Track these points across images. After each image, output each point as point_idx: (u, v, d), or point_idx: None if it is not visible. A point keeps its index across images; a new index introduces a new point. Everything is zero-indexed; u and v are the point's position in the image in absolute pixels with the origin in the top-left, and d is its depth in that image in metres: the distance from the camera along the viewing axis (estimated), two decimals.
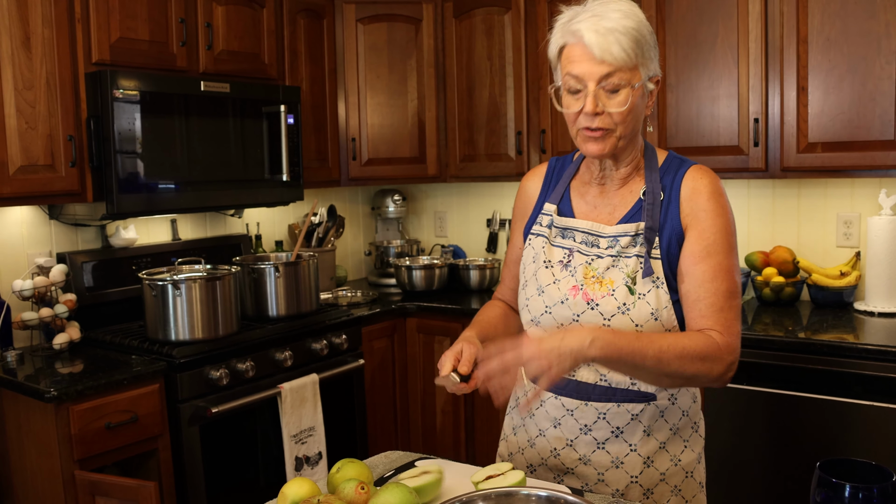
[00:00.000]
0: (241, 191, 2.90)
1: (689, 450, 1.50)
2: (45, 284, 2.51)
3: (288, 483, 1.26)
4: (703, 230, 1.40)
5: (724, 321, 1.37)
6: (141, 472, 2.41)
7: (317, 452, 2.73)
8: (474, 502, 1.20)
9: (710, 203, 1.41)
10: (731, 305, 1.38)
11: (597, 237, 1.47)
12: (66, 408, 2.15)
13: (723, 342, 1.35)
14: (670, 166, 1.47)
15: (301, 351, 2.76)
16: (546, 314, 1.48)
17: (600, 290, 1.42)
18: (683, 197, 1.43)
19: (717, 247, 1.39)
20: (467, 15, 3.39)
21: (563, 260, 1.49)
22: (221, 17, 2.86)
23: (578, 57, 1.37)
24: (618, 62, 1.35)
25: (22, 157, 2.33)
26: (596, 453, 1.46)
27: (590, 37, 1.34)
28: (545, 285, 1.49)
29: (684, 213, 1.42)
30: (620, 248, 1.43)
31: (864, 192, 2.88)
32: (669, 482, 1.47)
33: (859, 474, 1.05)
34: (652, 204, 1.43)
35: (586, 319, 1.43)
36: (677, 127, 2.89)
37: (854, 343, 2.34)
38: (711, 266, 1.38)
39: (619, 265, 1.43)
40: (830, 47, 2.58)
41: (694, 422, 1.52)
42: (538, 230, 1.56)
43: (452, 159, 3.50)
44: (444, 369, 1.37)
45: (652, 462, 1.46)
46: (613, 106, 1.37)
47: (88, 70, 2.48)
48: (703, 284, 1.38)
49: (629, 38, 1.35)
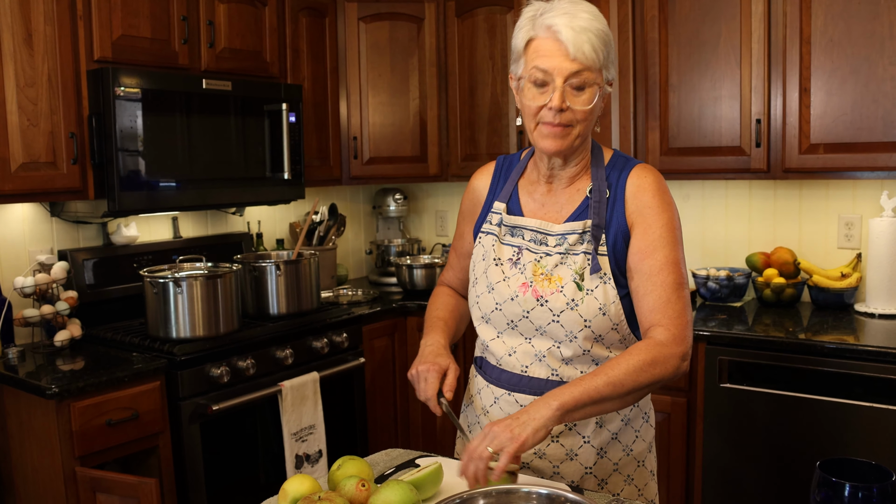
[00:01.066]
0: (242, 189, 2.90)
1: (641, 439, 1.55)
2: (46, 281, 2.51)
3: (289, 480, 1.26)
4: (648, 226, 1.43)
5: (672, 312, 1.40)
6: (142, 469, 2.41)
7: (317, 450, 2.73)
8: (475, 500, 1.20)
9: (654, 200, 1.44)
10: (679, 296, 1.41)
11: (545, 235, 1.50)
12: (68, 405, 2.15)
13: (668, 336, 1.38)
14: (616, 164, 1.51)
15: (302, 349, 2.77)
16: (496, 311, 1.51)
17: (549, 287, 1.45)
18: (629, 195, 1.46)
19: (662, 241, 1.42)
20: (469, 14, 3.39)
21: (512, 258, 1.52)
22: (223, 15, 2.87)
23: (549, 52, 1.38)
24: (588, 62, 1.37)
25: (24, 155, 2.33)
26: (550, 447, 1.49)
27: (566, 33, 1.36)
28: (495, 282, 1.51)
29: (629, 210, 1.45)
30: (568, 245, 1.46)
31: (865, 194, 2.88)
32: (622, 472, 1.52)
33: (859, 474, 1.05)
34: (598, 202, 1.47)
35: (536, 316, 1.46)
36: (679, 127, 2.89)
37: (854, 344, 2.34)
38: (658, 260, 1.42)
39: (567, 262, 1.46)
40: (833, 48, 2.58)
41: (644, 412, 1.56)
42: (488, 228, 1.58)
43: (454, 158, 3.50)
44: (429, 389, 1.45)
45: (605, 452, 1.50)
46: (579, 104, 1.40)
47: (90, 67, 2.49)
48: (651, 278, 1.41)
49: (600, 40, 1.38)
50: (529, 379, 1.49)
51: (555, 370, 1.47)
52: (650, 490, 1.57)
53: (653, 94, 2.93)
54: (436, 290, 1.77)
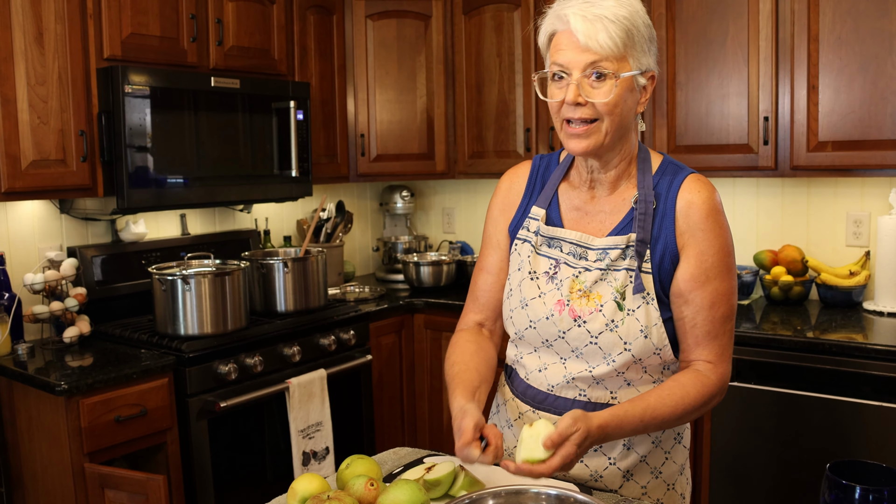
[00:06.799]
0: (250, 186, 2.90)
1: (671, 461, 1.46)
2: (55, 278, 2.52)
3: (297, 479, 1.26)
4: (701, 252, 1.34)
5: (719, 348, 1.36)
6: (149, 466, 2.43)
7: (324, 447, 2.74)
8: (484, 500, 1.21)
9: (708, 222, 1.34)
10: (726, 330, 1.37)
11: (585, 249, 1.40)
12: (77, 401, 2.16)
13: (715, 375, 1.35)
14: (665, 172, 1.40)
15: (309, 346, 2.77)
16: (530, 329, 1.43)
17: (587, 306, 1.36)
18: (679, 211, 1.35)
19: (715, 270, 1.34)
20: (477, 11, 3.39)
21: (548, 271, 1.42)
22: (232, 13, 2.87)
23: (565, 44, 1.31)
24: (604, 50, 1.28)
25: (34, 152, 2.34)
26: (576, 468, 1.42)
27: (575, 22, 1.28)
28: (529, 299, 1.42)
29: (680, 230, 1.35)
30: (610, 261, 1.37)
31: (874, 192, 2.87)
32: (651, 495, 1.44)
33: (869, 476, 1.05)
34: (644, 213, 1.36)
35: (572, 337, 1.38)
36: (687, 125, 2.89)
37: (863, 343, 2.34)
38: (710, 292, 1.34)
39: (608, 279, 1.36)
40: (842, 46, 2.57)
41: (678, 433, 1.48)
42: (524, 235, 1.48)
43: (461, 156, 3.50)
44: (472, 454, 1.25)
45: (632, 476, 1.42)
46: (597, 96, 1.30)
47: (100, 65, 2.49)
48: (701, 312, 1.34)
49: (618, 26, 1.28)
50: (556, 398, 1.42)
51: (582, 391, 1.41)
52: None
53: (660, 91, 2.92)
54: (454, 338, 1.56)
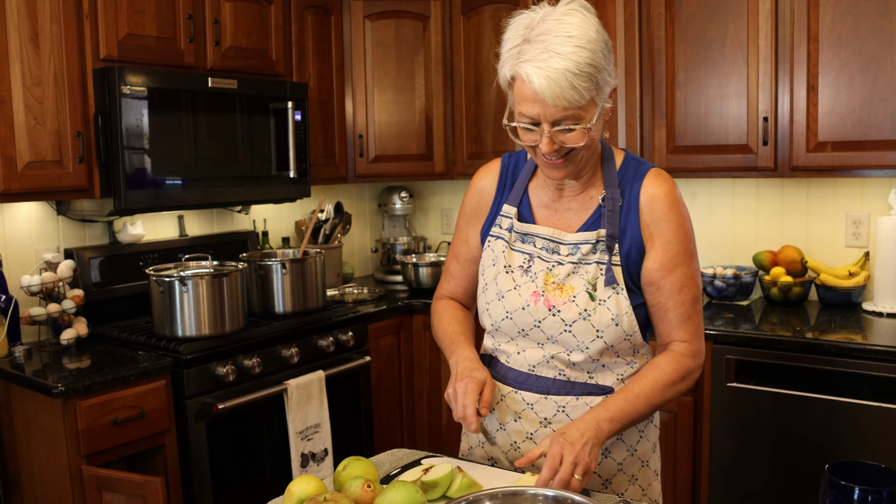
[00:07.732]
0: (248, 187, 2.90)
1: (645, 440, 1.55)
2: (52, 280, 2.51)
3: (294, 480, 1.26)
4: (667, 241, 1.44)
5: (692, 327, 1.47)
6: (147, 468, 2.42)
7: (322, 449, 2.73)
8: (481, 501, 1.20)
9: (670, 213, 1.44)
10: (696, 310, 1.48)
11: (557, 244, 1.49)
12: (74, 403, 2.16)
13: (689, 351, 1.46)
14: (628, 168, 1.49)
15: (307, 348, 2.77)
16: (507, 319, 1.50)
17: (561, 297, 1.45)
18: (643, 205, 1.45)
19: (681, 257, 1.44)
20: (475, 12, 3.38)
21: (523, 265, 1.51)
22: (229, 13, 2.86)
23: (531, 98, 1.32)
24: (572, 105, 1.30)
25: (30, 153, 2.34)
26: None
27: (540, 83, 1.28)
28: (505, 291, 1.50)
29: (645, 222, 1.45)
30: (581, 255, 1.46)
31: (873, 192, 2.87)
32: (626, 472, 1.53)
33: (869, 477, 1.04)
34: (612, 210, 1.46)
35: (547, 326, 1.46)
36: (686, 125, 2.88)
37: (862, 344, 2.33)
38: (678, 277, 1.44)
39: (580, 272, 1.45)
40: (841, 46, 2.56)
41: None
42: (497, 232, 1.56)
43: (460, 157, 3.50)
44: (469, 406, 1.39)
45: (609, 453, 1.51)
46: (571, 141, 1.35)
47: (96, 66, 2.49)
48: (673, 296, 1.45)
49: (583, 77, 1.28)
50: (536, 378, 1.50)
51: (562, 370, 1.49)
52: (654, 490, 1.58)
53: (659, 91, 2.92)
54: (437, 304, 1.70)
